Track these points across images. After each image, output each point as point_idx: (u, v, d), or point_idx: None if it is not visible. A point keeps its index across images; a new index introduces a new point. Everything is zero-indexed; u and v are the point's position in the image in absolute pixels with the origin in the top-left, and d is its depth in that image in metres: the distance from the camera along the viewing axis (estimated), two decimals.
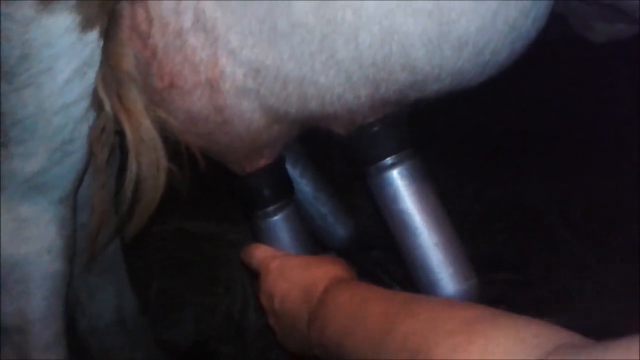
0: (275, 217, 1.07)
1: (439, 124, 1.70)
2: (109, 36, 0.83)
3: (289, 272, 0.85)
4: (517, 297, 1.41)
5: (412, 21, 0.79)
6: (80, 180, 0.91)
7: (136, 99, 0.84)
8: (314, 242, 1.19)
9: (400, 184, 0.98)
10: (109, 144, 0.86)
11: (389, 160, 0.97)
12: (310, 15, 0.79)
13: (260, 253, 0.97)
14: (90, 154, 0.88)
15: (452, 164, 1.75)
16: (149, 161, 0.85)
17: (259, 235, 1.08)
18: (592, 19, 1.07)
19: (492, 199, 1.72)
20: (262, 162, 1.03)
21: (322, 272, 0.82)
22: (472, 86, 0.89)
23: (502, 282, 1.45)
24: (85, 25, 0.79)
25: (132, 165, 0.85)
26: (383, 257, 1.39)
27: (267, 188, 1.06)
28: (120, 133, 0.87)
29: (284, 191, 1.08)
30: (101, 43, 0.82)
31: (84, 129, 0.85)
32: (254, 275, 0.97)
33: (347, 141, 0.98)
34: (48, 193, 0.88)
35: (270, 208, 1.07)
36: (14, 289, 0.90)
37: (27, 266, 0.89)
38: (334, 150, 1.37)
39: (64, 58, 0.79)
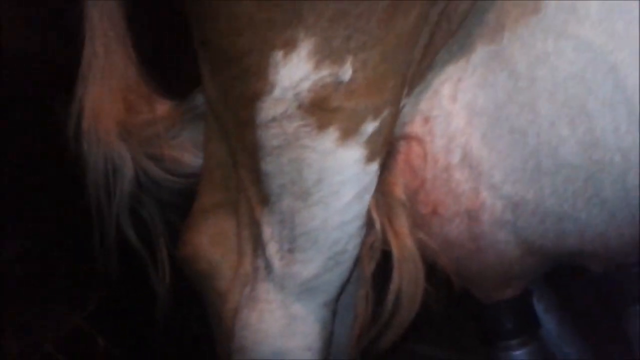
0: (518, 352, 1.06)
1: None
2: (385, 167, 0.97)
3: None
4: None
5: None
6: (343, 288, 1.03)
7: (403, 222, 0.96)
8: None
9: None
10: (376, 258, 0.98)
11: None
12: (578, 157, 0.84)
13: None
14: (356, 266, 1.00)
15: None
16: (409, 278, 0.94)
17: None
18: None
19: None
20: (509, 293, 1.04)
21: None
22: None
23: None
24: (369, 158, 0.94)
25: (395, 280, 0.94)
26: None
27: (511, 320, 1.06)
28: (384, 250, 0.98)
29: (529, 325, 1.08)
30: (378, 173, 0.96)
31: (355, 243, 0.98)
32: None
33: (604, 280, 0.95)
34: (317, 296, 1.01)
35: (514, 341, 1.06)
36: None
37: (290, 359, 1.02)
38: (581, 288, 1.31)
39: (349, 184, 0.94)
